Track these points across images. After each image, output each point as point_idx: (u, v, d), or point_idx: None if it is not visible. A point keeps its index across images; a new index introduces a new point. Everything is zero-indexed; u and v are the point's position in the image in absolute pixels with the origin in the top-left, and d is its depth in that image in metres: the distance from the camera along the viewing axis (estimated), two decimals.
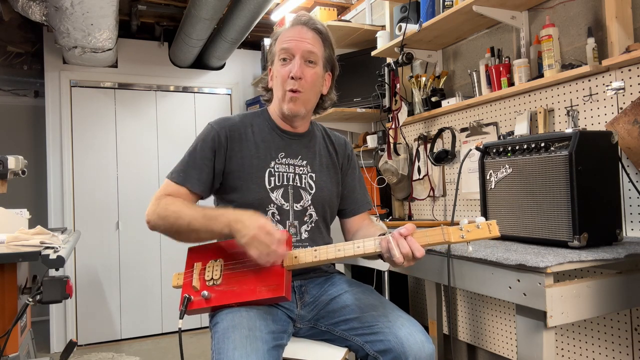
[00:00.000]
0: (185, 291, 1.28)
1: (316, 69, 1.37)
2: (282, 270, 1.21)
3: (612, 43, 1.64)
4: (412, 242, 1.10)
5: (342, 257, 1.19)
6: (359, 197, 1.53)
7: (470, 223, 1.09)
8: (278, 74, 1.37)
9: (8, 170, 1.89)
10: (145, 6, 3.54)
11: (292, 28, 1.38)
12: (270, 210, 1.36)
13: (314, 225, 1.41)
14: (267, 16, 3.41)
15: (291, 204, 1.39)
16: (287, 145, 1.43)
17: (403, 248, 1.09)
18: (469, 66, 2.39)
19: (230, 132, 1.38)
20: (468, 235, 1.08)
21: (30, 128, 3.99)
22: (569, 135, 1.31)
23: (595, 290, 1.22)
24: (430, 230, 1.11)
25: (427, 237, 1.11)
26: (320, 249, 1.21)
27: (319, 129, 1.55)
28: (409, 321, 1.23)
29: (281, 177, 1.39)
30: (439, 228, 1.10)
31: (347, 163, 1.54)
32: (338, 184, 1.50)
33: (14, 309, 1.57)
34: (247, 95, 4.33)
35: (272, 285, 1.20)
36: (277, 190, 1.38)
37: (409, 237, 1.10)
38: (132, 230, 3.89)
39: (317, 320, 1.37)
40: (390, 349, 1.17)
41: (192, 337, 3.57)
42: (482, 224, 1.08)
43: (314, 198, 1.42)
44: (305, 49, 1.34)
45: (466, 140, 2.32)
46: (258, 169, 1.37)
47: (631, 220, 1.62)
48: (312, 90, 1.39)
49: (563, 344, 1.88)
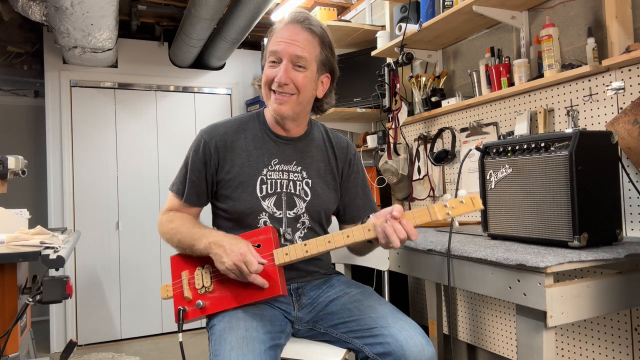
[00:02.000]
0: (178, 303, 1.27)
1: (306, 72, 1.31)
2: (274, 268, 1.20)
3: (612, 43, 1.64)
4: (408, 226, 1.12)
5: (333, 248, 1.20)
6: (360, 204, 1.49)
7: (454, 199, 1.12)
8: (264, 74, 1.34)
9: (8, 170, 1.89)
10: (145, 6, 3.54)
11: (286, 27, 1.33)
12: (262, 219, 1.34)
13: (307, 231, 1.39)
14: (267, 16, 3.41)
15: (284, 211, 1.36)
16: (281, 151, 1.40)
17: (400, 233, 1.11)
18: (469, 66, 2.39)
19: (221, 141, 1.37)
20: (453, 211, 1.11)
21: (30, 128, 3.99)
22: (569, 135, 1.31)
23: (595, 290, 1.22)
24: (416, 212, 1.14)
25: (415, 218, 1.14)
26: (310, 243, 1.21)
27: (320, 131, 1.49)
28: (408, 324, 1.22)
29: (274, 184, 1.36)
30: (425, 208, 1.13)
31: (348, 168, 1.48)
32: (336, 191, 1.46)
33: (14, 309, 1.57)
34: (247, 95, 4.33)
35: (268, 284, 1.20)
36: (269, 199, 1.35)
37: (402, 220, 1.12)
38: (132, 230, 3.89)
39: (315, 322, 1.36)
40: (390, 352, 1.17)
41: (192, 337, 3.57)
42: (465, 198, 1.11)
43: (309, 205, 1.39)
44: (294, 53, 1.29)
45: (466, 140, 2.33)
46: (249, 177, 1.35)
47: (631, 220, 1.62)
48: (302, 94, 1.33)
49: (563, 344, 1.88)
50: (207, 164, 1.36)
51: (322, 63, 1.35)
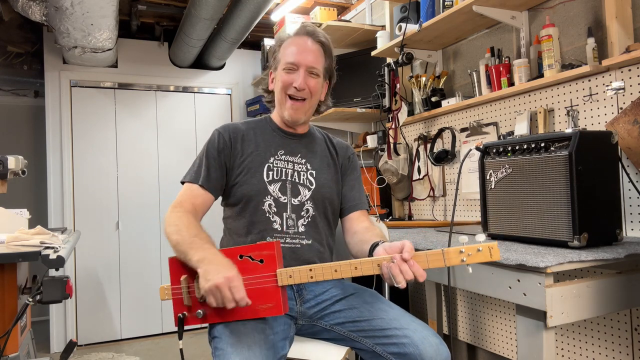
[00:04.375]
0: (177, 309, 1.26)
1: (318, 79, 1.47)
2: (277, 289, 1.18)
3: (612, 43, 1.64)
4: (415, 267, 1.08)
5: (338, 277, 1.16)
6: (356, 195, 1.56)
7: (470, 245, 1.07)
8: (281, 79, 1.45)
9: (8, 170, 1.89)
10: (145, 6, 3.54)
11: (298, 38, 1.47)
12: (267, 202, 1.41)
13: (310, 220, 1.44)
14: (267, 16, 3.41)
15: (289, 197, 1.44)
16: (287, 144, 1.51)
17: (407, 274, 1.07)
18: (469, 66, 2.39)
19: (234, 133, 1.49)
20: (469, 259, 1.07)
21: (30, 128, 3.99)
22: (569, 135, 1.31)
23: (595, 290, 1.22)
24: (430, 254, 1.09)
25: (428, 261, 1.09)
26: (315, 269, 1.17)
27: (320, 132, 1.62)
28: (421, 326, 1.26)
29: (279, 172, 1.45)
30: (439, 252, 1.08)
31: (348, 163, 1.59)
32: (338, 183, 1.54)
33: (14, 309, 1.57)
34: (247, 95, 4.33)
35: (270, 304, 1.18)
36: (275, 184, 1.43)
37: (410, 261, 1.08)
38: (132, 230, 3.89)
39: (319, 318, 1.37)
40: (406, 353, 1.19)
41: (192, 337, 3.57)
42: (483, 246, 1.06)
43: (314, 194, 1.46)
44: (309, 63, 1.44)
45: (466, 140, 2.33)
46: (258, 164, 1.44)
47: (631, 220, 1.62)
48: (314, 98, 1.49)
49: (563, 344, 1.88)
50: (222, 152, 1.45)
51: (326, 71, 1.51)
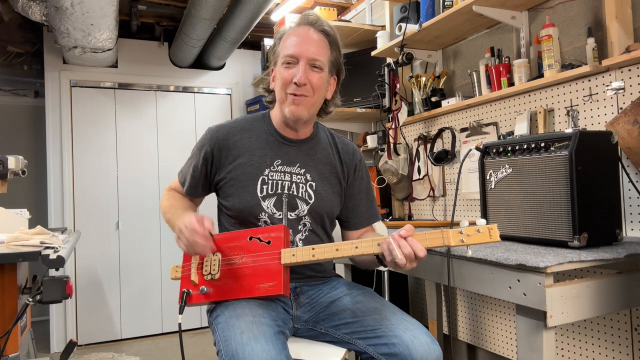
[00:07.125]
0: (183, 285, 1.29)
1: (321, 74, 1.33)
2: (279, 267, 1.21)
3: (612, 43, 1.64)
4: (413, 242, 1.07)
5: (340, 257, 1.19)
6: (363, 210, 1.48)
7: (471, 226, 1.07)
8: (280, 76, 1.33)
9: (8, 170, 1.89)
10: (145, 6, 3.54)
11: (299, 28, 1.34)
12: (262, 219, 1.34)
13: (308, 233, 1.39)
14: (267, 16, 3.41)
15: (285, 212, 1.36)
16: (284, 153, 1.39)
17: (404, 248, 1.07)
18: (469, 66, 2.39)
19: (224, 141, 1.39)
20: (468, 240, 1.06)
21: (30, 128, 4.00)
22: (569, 135, 1.31)
23: (595, 290, 1.22)
24: (429, 233, 1.09)
25: (427, 240, 1.09)
26: (317, 248, 1.20)
27: (326, 134, 1.49)
28: (412, 324, 1.22)
29: (275, 185, 1.36)
30: (438, 231, 1.08)
31: (354, 174, 1.47)
32: (340, 196, 1.45)
33: (14, 309, 1.57)
34: (247, 95, 4.33)
35: (271, 283, 1.21)
36: (270, 199, 1.35)
37: (409, 237, 1.08)
38: (132, 230, 3.89)
39: (315, 322, 1.36)
40: (396, 353, 1.17)
41: (192, 337, 3.57)
42: (482, 227, 1.05)
43: (312, 208, 1.38)
44: (311, 55, 1.30)
45: (466, 140, 2.33)
46: (251, 177, 1.36)
47: (631, 220, 1.62)
48: (317, 95, 1.34)
49: (563, 344, 1.88)
50: (207, 162, 1.41)
51: (332, 64, 1.37)
